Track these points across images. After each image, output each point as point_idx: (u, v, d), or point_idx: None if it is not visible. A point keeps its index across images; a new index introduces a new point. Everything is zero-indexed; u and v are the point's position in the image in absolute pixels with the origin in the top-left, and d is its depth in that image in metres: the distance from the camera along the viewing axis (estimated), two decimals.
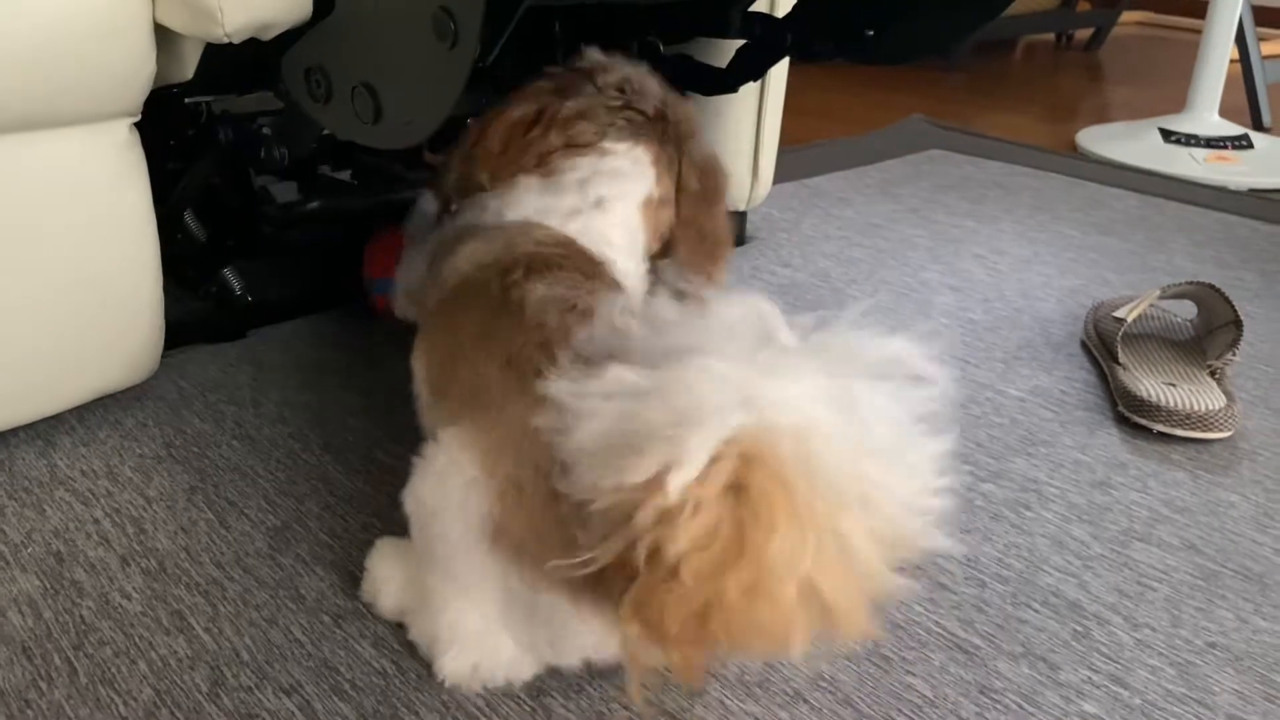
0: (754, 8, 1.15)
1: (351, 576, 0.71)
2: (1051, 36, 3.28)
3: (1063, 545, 0.77)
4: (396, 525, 0.75)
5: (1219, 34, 1.84)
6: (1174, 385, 0.94)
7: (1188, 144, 1.82)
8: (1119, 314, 1.03)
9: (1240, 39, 2.15)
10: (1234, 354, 0.96)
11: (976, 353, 1.07)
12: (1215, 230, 1.47)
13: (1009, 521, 0.80)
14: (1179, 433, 0.90)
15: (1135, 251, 1.37)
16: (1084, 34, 3.22)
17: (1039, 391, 1.00)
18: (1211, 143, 1.81)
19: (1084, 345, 1.09)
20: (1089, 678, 0.64)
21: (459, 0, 0.60)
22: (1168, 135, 1.84)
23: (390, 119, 0.69)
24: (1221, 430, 0.90)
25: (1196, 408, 0.90)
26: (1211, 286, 1.03)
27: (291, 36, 0.76)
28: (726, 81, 1.16)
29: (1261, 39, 2.80)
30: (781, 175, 1.44)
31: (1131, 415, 0.93)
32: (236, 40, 0.74)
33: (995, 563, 0.75)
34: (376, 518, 0.77)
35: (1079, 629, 0.68)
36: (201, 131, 0.95)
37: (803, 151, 1.80)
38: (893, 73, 2.66)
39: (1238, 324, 0.99)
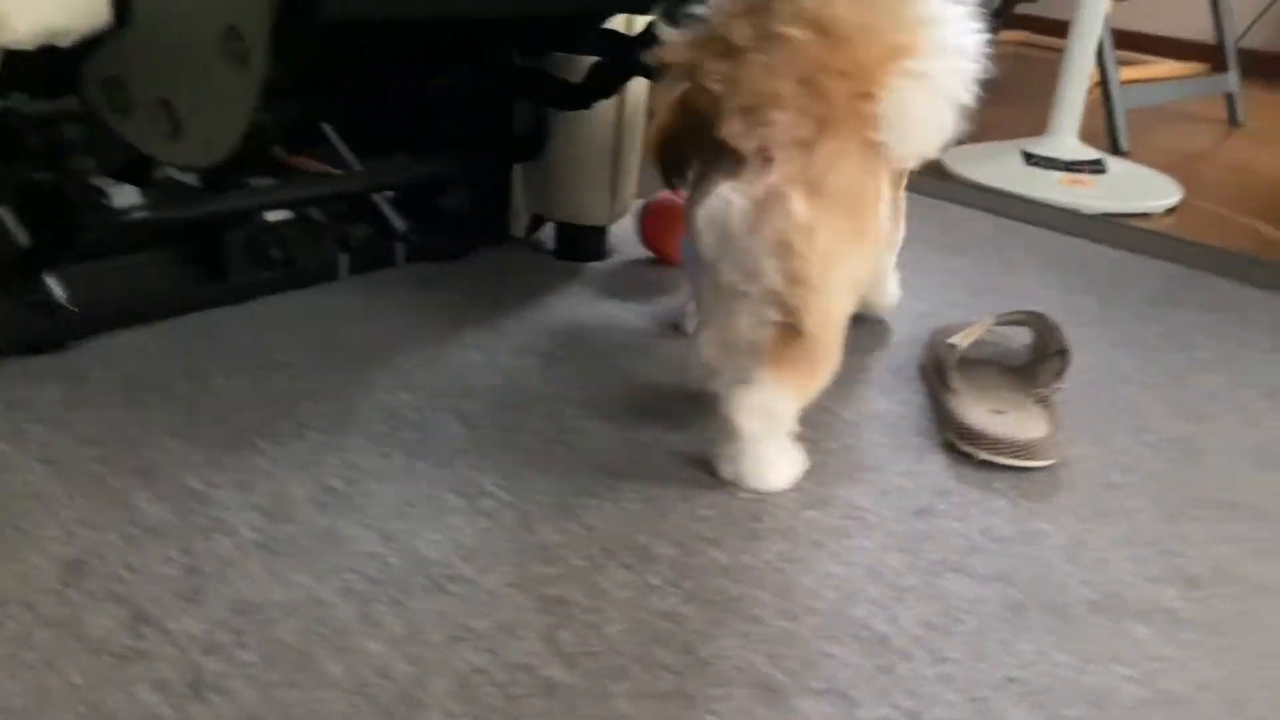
0: (611, 25, 1.14)
1: (142, 613, 0.68)
2: None
3: (878, 576, 0.78)
4: (198, 556, 0.72)
5: (1078, 58, 1.90)
6: (1001, 413, 0.96)
7: (1046, 167, 1.87)
8: (953, 340, 1.05)
9: (1100, 63, 2.23)
10: (1060, 383, 0.99)
11: None
12: (1064, 254, 1.51)
13: (828, 550, 0.80)
14: (1001, 460, 0.92)
15: (987, 274, 1.41)
16: None
17: (874, 416, 1.01)
18: (1068, 166, 1.87)
19: (921, 370, 1.11)
20: (887, 715, 0.65)
21: (247, 19, 0.57)
22: (1029, 158, 1.89)
23: (188, 136, 0.66)
24: (1042, 459, 0.92)
25: (1019, 436, 0.92)
26: (1042, 315, 1.06)
27: (93, 44, 0.72)
28: (580, 97, 1.15)
29: (1123, 63, 2.91)
30: (648, 191, 1.44)
31: (957, 442, 0.95)
32: (29, 46, 0.70)
33: (809, 594, 0.75)
34: (180, 550, 0.74)
35: (883, 664, 0.69)
36: (8, 135, 0.90)
37: None
38: None
39: (1064, 353, 1.01)
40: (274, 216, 1.16)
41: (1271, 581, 0.80)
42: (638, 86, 1.25)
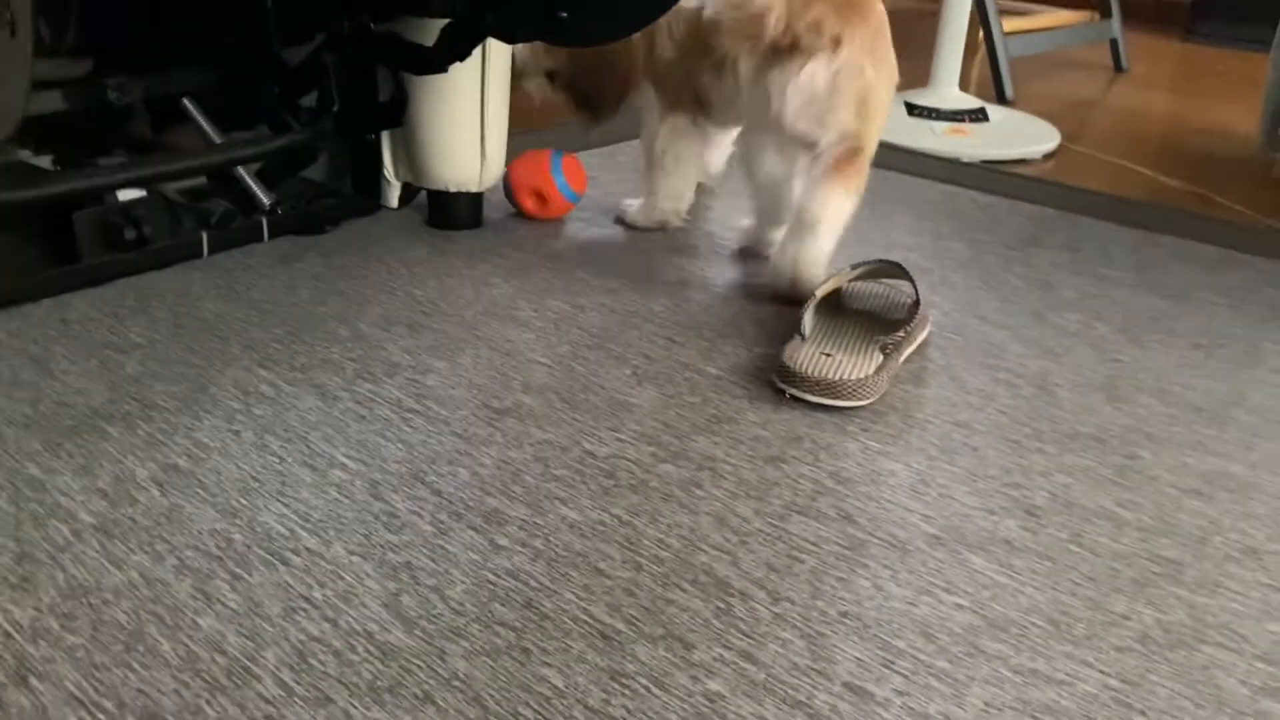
0: None
1: None
2: None
3: (724, 523, 0.79)
4: (30, 544, 0.71)
5: (955, 9, 1.93)
6: (829, 355, 0.98)
7: (930, 117, 1.90)
8: (815, 292, 1.07)
9: (983, 13, 2.26)
10: (906, 330, 1.01)
11: (686, 331, 1.09)
12: (939, 203, 1.54)
13: (678, 501, 0.81)
14: (809, 398, 0.95)
15: (857, 227, 1.41)
16: None
17: (737, 369, 1.02)
18: (950, 116, 1.90)
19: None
20: (721, 655, 0.66)
21: None
22: (912, 109, 1.92)
23: None
24: (851, 399, 0.94)
25: (828, 375, 0.94)
26: (896, 264, 1.08)
27: None
28: (434, 61, 1.14)
29: (1014, 14, 2.95)
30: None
31: (775, 381, 0.97)
32: None
33: (655, 544, 0.76)
34: (11, 539, 0.73)
35: (721, 606, 0.70)
36: None
37: (547, 134, 1.79)
38: None
39: (915, 302, 1.04)
40: (128, 196, 1.13)
41: (1103, 508, 0.83)
42: (500, 48, 1.24)
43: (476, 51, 1.21)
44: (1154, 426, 0.96)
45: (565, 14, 0.99)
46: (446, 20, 1.11)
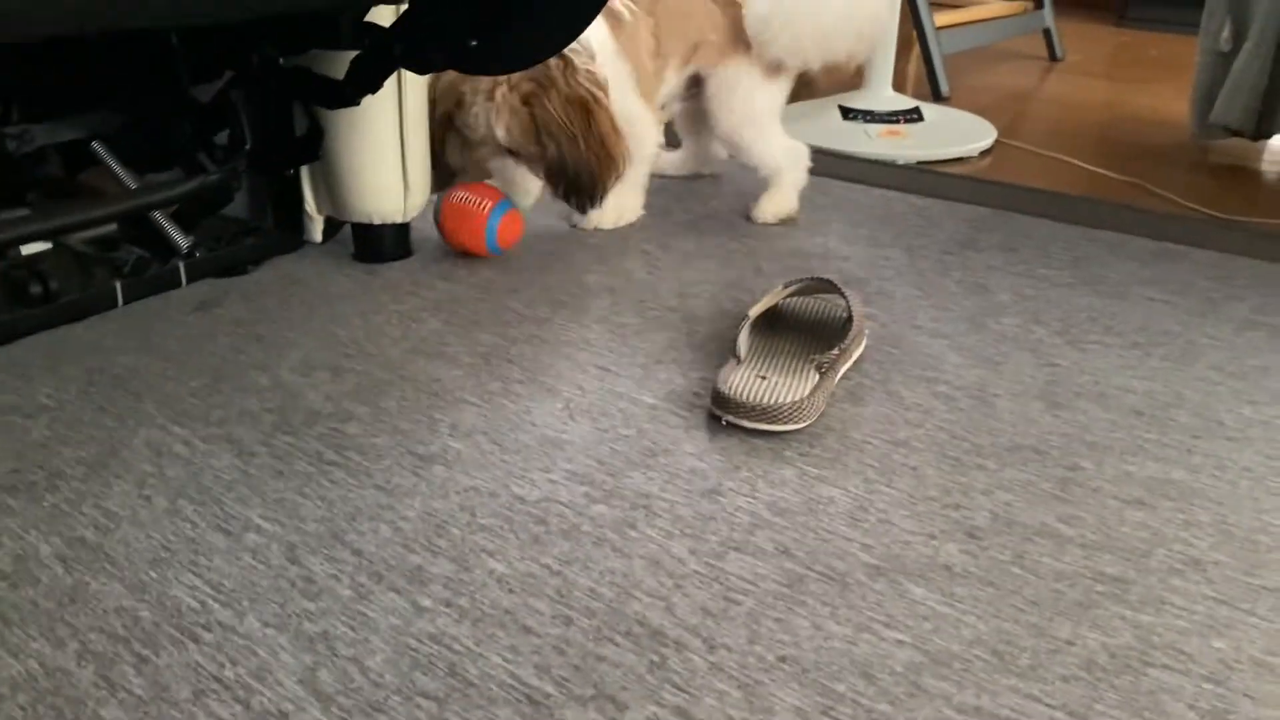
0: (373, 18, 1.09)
1: None
2: None
3: (659, 566, 0.76)
4: None
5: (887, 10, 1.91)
6: (764, 378, 0.96)
7: (865, 120, 1.89)
8: (749, 312, 1.04)
9: (914, 11, 2.26)
10: (840, 348, 0.99)
11: (620, 359, 1.07)
12: (874, 208, 1.52)
13: (611, 545, 0.78)
14: (745, 424, 0.92)
15: (792, 237, 1.41)
16: None
17: (672, 396, 1.00)
18: (884, 118, 1.88)
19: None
20: (655, 714, 0.63)
21: None
22: (846, 113, 1.90)
23: None
24: (788, 423, 0.92)
25: (763, 400, 0.92)
26: (829, 281, 1.06)
27: None
28: (345, 94, 1.10)
29: (949, 7, 2.95)
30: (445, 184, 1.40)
31: (712, 408, 0.95)
32: None
33: (587, 594, 0.73)
34: None
35: (656, 659, 0.68)
36: None
37: None
38: None
39: (849, 319, 1.02)
40: (33, 249, 1.09)
41: (1045, 525, 0.82)
42: (417, 77, 1.21)
43: (392, 80, 1.17)
44: (1094, 434, 0.94)
45: (475, 43, 0.96)
46: (356, 52, 1.07)
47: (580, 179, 1.28)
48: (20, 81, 1.17)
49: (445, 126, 1.31)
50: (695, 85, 1.44)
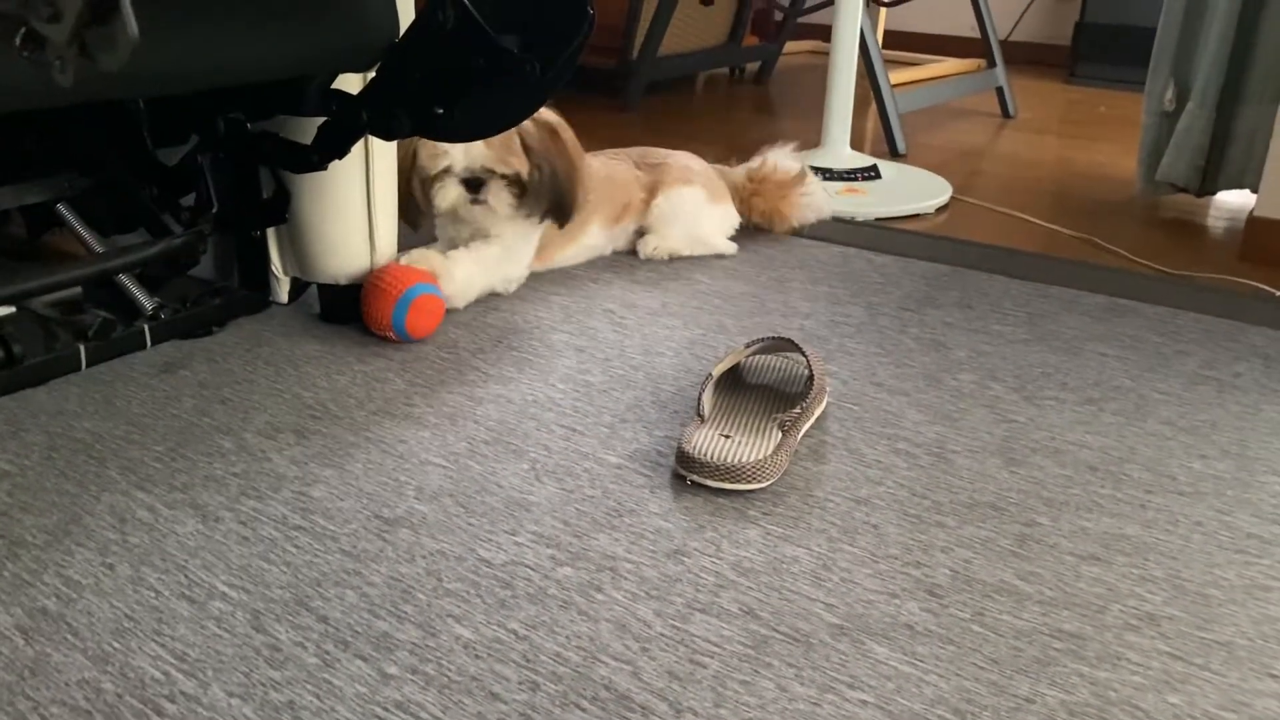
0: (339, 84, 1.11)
1: None
2: (725, 70, 3.43)
3: (625, 629, 0.77)
4: None
5: (842, 71, 1.97)
6: (728, 437, 0.98)
7: (826, 179, 1.93)
8: (712, 371, 1.06)
9: (870, 72, 2.32)
10: (802, 406, 1.01)
11: (586, 418, 1.08)
12: (834, 265, 1.55)
13: (577, 609, 0.79)
14: (710, 483, 0.94)
15: (755, 294, 1.43)
16: (754, 66, 3.39)
17: (638, 456, 1.01)
18: (844, 176, 1.93)
19: None
20: None
21: None
22: None
23: None
24: (751, 482, 0.93)
25: (726, 459, 0.93)
26: (788, 340, 1.08)
27: None
28: (312, 159, 1.11)
29: (904, 64, 3.03)
30: (420, 239, 1.41)
31: (677, 468, 0.96)
32: None
33: (553, 659, 0.74)
34: None
35: None
36: None
37: None
38: (573, 118, 2.69)
39: (810, 377, 1.04)
40: None
41: (1004, 583, 0.83)
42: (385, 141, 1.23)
43: (359, 144, 1.19)
44: (1050, 489, 0.96)
45: (440, 111, 0.98)
46: (323, 119, 1.09)
47: (563, 193, 1.33)
48: None
49: (410, 165, 1.33)
50: None
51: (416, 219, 1.38)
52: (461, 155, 1.29)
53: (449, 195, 1.31)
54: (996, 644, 0.76)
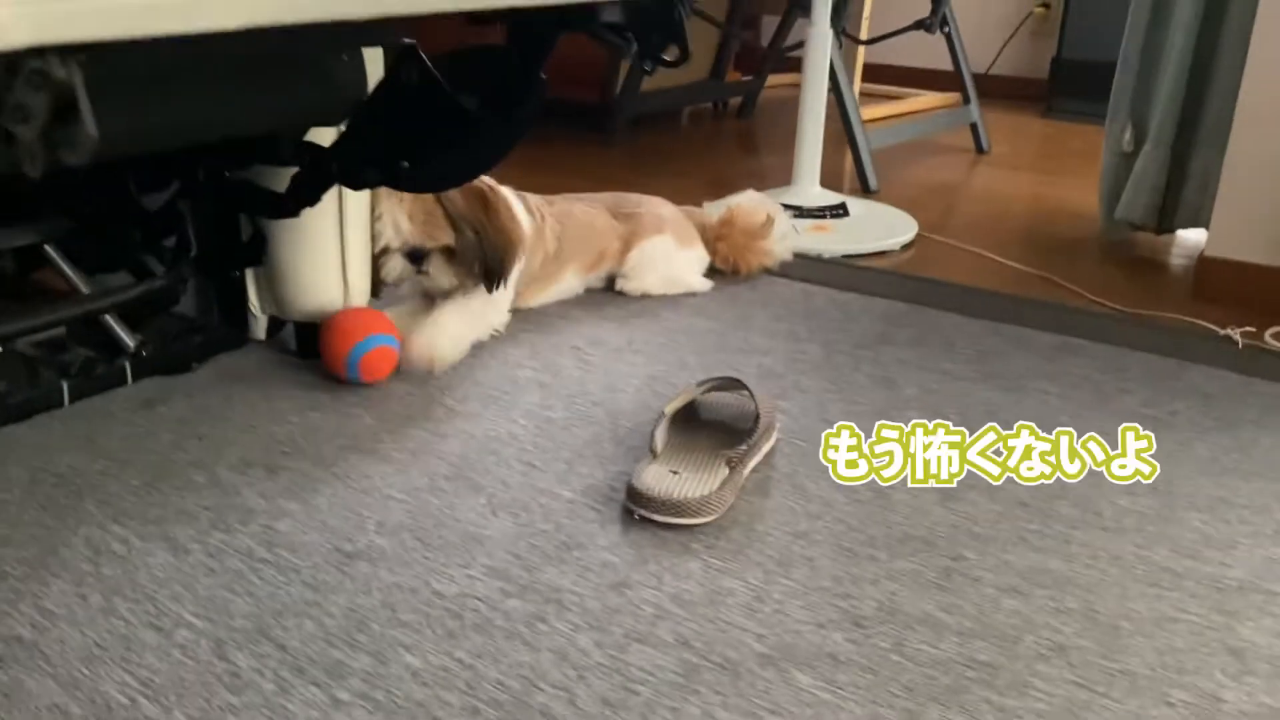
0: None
1: None
2: (710, 105, 3.50)
3: (565, 658, 0.82)
4: None
5: (810, 114, 2.03)
6: (676, 473, 1.03)
7: (795, 216, 1.98)
8: (664, 409, 1.11)
9: (842, 108, 2.38)
10: (748, 444, 1.06)
11: (545, 454, 1.13)
12: (797, 302, 1.61)
13: (521, 639, 0.84)
14: (656, 518, 0.99)
15: (718, 331, 1.49)
16: (738, 101, 3.46)
17: (591, 491, 1.06)
18: (812, 213, 1.98)
19: None
20: None
21: None
22: None
23: None
24: (696, 516, 0.99)
25: (671, 495, 0.99)
26: (737, 380, 1.13)
27: None
28: (286, 206, 1.17)
29: (884, 98, 3.09)
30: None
31: (626, 503, 1.01)
32: None
33: (495, 686, 0.79)
34: None
35: None
36: None
37: None
38: (557, 152, 2.76)
39: (757, 417, 1.09)
40: None
41: (926, 614, 0.88)
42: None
43: (334, 188, 1.25)
44: (981, 525, 1.01)
45: (406, 164, 1.04)
46: (296, 169, 1.15)
47: (490, 259, 1.38)
48: None
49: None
50: None
51: (377, 287, 1.42)
52: (393, 234, 1.35)
53: (394, 269, 1.38)
54: (913, 672, 0.81)
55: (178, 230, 1.28)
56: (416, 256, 1.37)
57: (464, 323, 1.39)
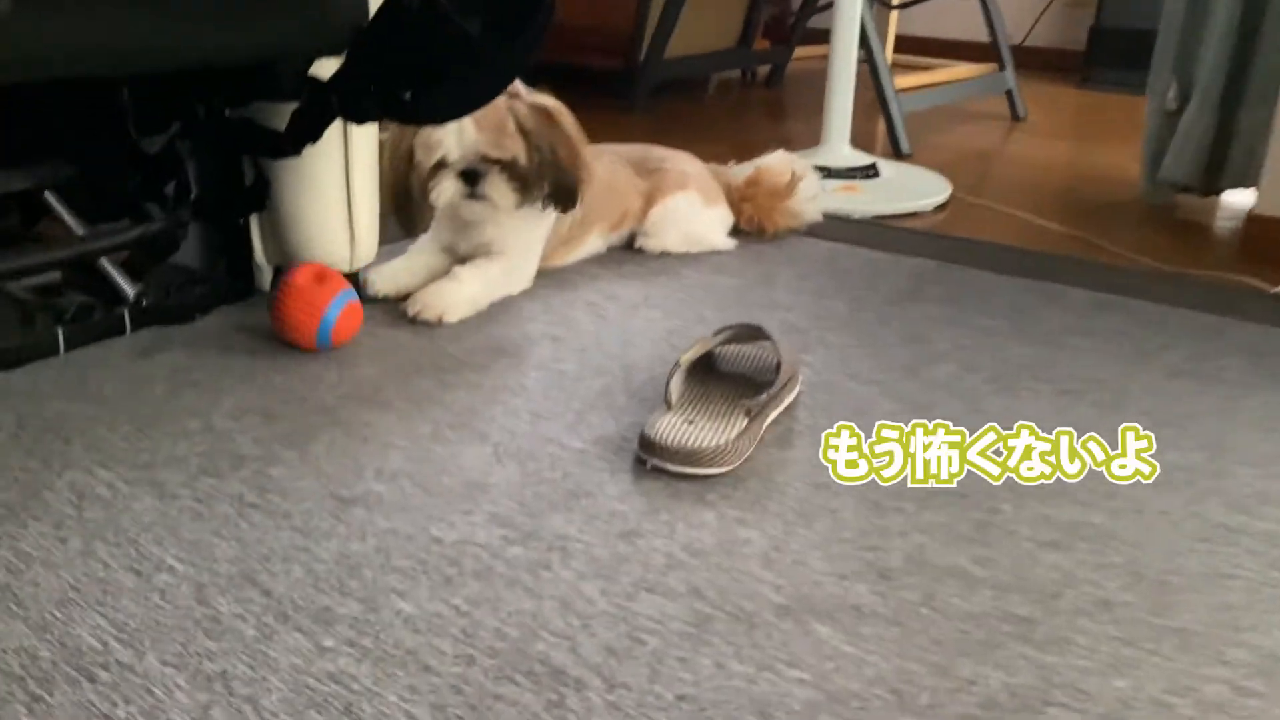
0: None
1: None
2: (738, 74, 3.43)
3: (568, 606, 0.76)
4: None
5: (841, 68, 1.96)
6: (691, 422, 0.97)
7: (823, 176, 1.92)
8: (680, 358, 1.06)
9: (873, 70, 2.30)
10: (770, 393, 1.00)
11: (555, 405, 1.07)
12: (824, 261, 1.54)
13: (523, 586, 0.78)
14: (670, 467, 0.93)
15: (740, 288, 1.42)
16: (765, 70, 3.39)
17: (602, 441, 1.00)
18: (842, 174, 1.92)
19: None
20: None
21: None
22: None
23: None
24: (711, 466, 0.93)
25: (686, 443, 0.93)
26: (757, 328, 1.07)
27: None
28: (286, 144, 1.12)
29: (915, 69, 3.01)
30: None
31: (639, 452, 0.96)
32: None
33: (493, 634, 0.73)
34: None
35: (554, 698, 0.68)
36: None
37: None
38: (579, 120, 2.69)
39: (778, 365, 1.03)
40: None
41: (956, 566, 0.82)
42: (365, 127, 1.23)
43: (337, 131, 1.20)
44: (1018, 478, 0.95)
45: (408, 96, 0.99)
46: (296, 105, 1.10)
47: (564, 176, 1.30)
48: None
49: (409, 162, 1.29)
50: None
51: (414, 223, 1.35)
52: (455, 144, 1.25)
53: (446, 192, 1.28)
54: (943, 626, 0.75)
55: (178, 173, 1.23)
56: (473, 176, 1.27)
57: (484, 285, 1.33)
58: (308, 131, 1.10)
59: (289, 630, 0.73)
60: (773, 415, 1.04)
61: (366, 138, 1.25)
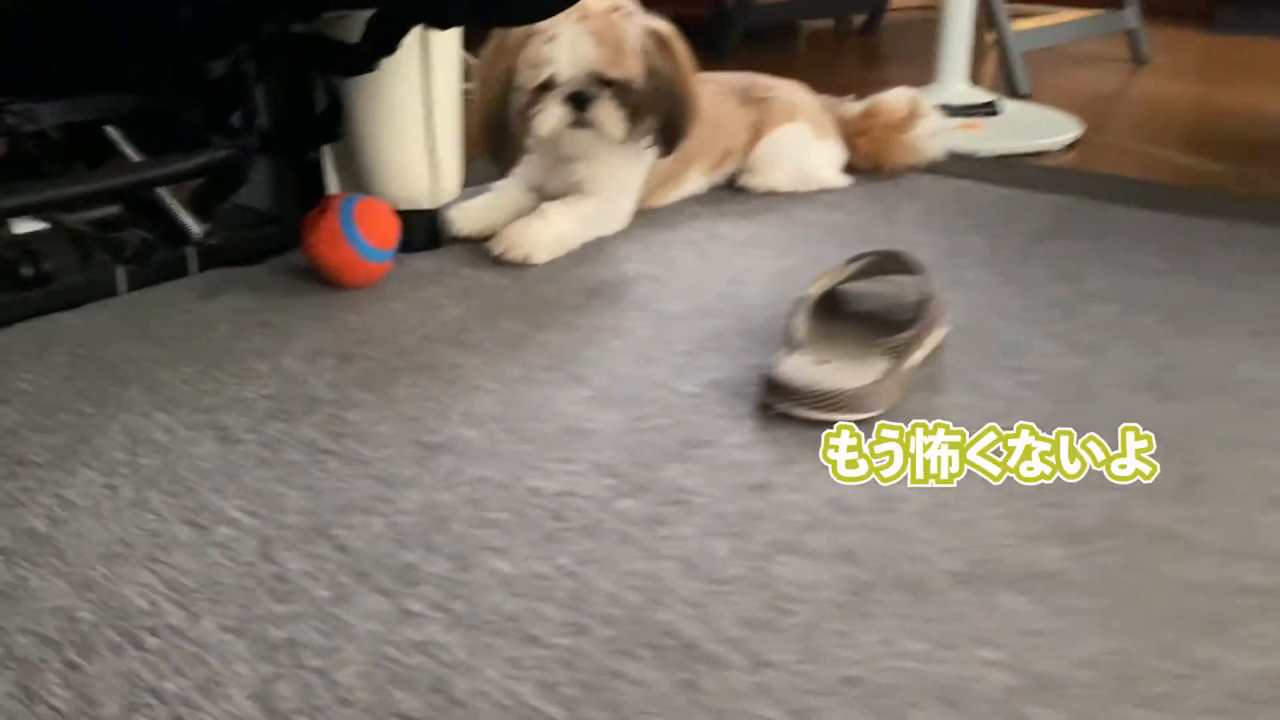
0: None
1: None
2: (830, 24, 3.25)
3: (694, 569, 0.64)
4: None
5: (958, 3, 1.79)
6: (826, 363, 0.83)
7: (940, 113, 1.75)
8: (806, 293, 0.92)
9: (989, 9, 2.12)
10: (914, 330, 0.86)
11: (660, 346, 0.94)
12: (949, 198, 1.39)
13: (638, 545, 0.66)
14: (802, 414, 0.79)
15: (860, 225, 1.28)
16: (859, 21, 3.21)
17: (717, 385, 0.87)
18: (959, 111, 1.75)
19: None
20: None
21: None
22: None
23: None
24: (852, 412, 0.79)
25: (823, 385, 0.79)
26: (896, 255, 0.93)
27: None
28: (361, 60, 1.01)
29: (1020, 15, 2.81)
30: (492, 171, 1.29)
31: (763, 397, 0.82)
32: None
33: (606, 600, 0.61)
34: None
35: (686, 677, 0.55)
36: None
37: None
38: None
39: (924, 300, 0.89)
40: (26, 228, 1.01)
41: (1167, 525, 0.67)
42: (443, 44, 1.11)
43: (417, 49, 1.08)
44: (1217, 427, 0.80)
45: None
46: (372, 12, 0.98)
47: (676, 110, 1.18)
48: (26, 58, 1.10)
49: (507, 87, 1.15)
50: None
51: (511, 157, 1.22)
52: (567, 61, 1.12)
53: (551, 118, 1.14)
54: (1161, 598, 0.61)
55: (245, 101, 1.13)
56: (582, 101, 1.14)
57: (575, 224, 1.20)
58: (383, 41, 0.98)
59: (367, 591, 0.62)
60: (918, 357, 0.89)
61: (448, 59, 1.13)
